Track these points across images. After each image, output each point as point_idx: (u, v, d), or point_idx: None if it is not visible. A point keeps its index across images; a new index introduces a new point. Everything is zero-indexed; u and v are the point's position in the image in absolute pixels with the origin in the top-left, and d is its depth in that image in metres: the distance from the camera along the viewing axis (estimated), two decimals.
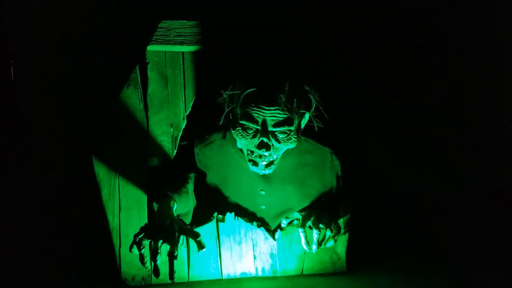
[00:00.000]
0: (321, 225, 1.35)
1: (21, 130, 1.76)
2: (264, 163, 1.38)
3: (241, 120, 1.33)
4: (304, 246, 1.38)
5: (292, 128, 1.33)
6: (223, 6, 1.67)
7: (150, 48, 1.46)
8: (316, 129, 1.41)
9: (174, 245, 1.19)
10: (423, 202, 1.92)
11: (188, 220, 1.45)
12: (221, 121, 1.41)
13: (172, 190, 1.38)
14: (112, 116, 1.43)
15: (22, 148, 1.76)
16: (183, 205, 1.39)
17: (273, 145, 1.34)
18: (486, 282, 1.40)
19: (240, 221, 1.42)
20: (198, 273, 1.41)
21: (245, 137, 1.35)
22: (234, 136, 1.40)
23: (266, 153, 1.34)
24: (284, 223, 1.47)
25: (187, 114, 1.50)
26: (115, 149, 1.42)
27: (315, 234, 1.34)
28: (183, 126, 1.49)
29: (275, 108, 1.28)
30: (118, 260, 1.38)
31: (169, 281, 1.22)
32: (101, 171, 1.40)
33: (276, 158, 1.39)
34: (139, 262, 1.20)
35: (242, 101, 1.32)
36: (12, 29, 1.73)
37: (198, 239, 1.23)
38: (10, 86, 1.74)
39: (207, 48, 1.48)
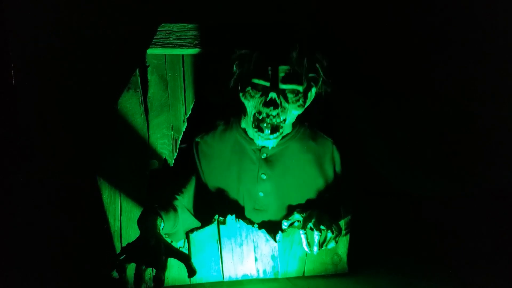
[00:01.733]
0: (322, 227, 1.35)
1: (21, 134, 1.76)
2: (269, 130, 1.37)
3: (252, 78, 1.36)
4: (305, 248, 1.38)
5: (301, 89, 1.37)
6: (223, 8, 1.68)
7: (150, 51, 1.47)
8: (323, 95, 1.43)
9: (160, 269, 1.10)
10: (424, 203, 1.93)
11: (177, 238, 1.39)
12: (231, 84, 1.43)
13: (161, 207, 1.30)
14: (112, 119, 1.43)
15: (23, 151, 1.76)
16: (171, 224, 1.33)
17: (281, 103, 1.35)
18: (488, 284, 1.40)
19: (241, 223, 1.42)
20: (199, 276, 1.40)
21: (254, 97, 1.37)
22: (242, 99, 1.40)
23: (274, 112, 1.35)
24: (285, 224, 1.47)
25: (187, 116, 1.50)
26: (116, 152, 1.42)
27: (316, 235, 1.34)
28: (184, 129, 1.50)
29: (285, 64, 1.33)
30: None
31: (171, 284, 1.21)
32: (102, 175, 1.40)
33: (282, 125, 1.39)
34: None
35: (253, 59, 1.36)
36: (13, 33, 1.74)
37: (188, 263, 1.13)
38: (11, 90, 1.74)
39: (207, 51, 1.49)
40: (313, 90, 1.43)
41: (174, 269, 1.36)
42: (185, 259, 1.14)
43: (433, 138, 1.90)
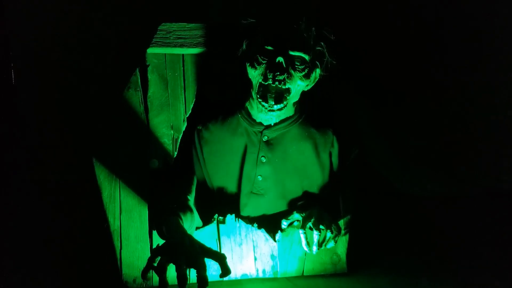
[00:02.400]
0: (321, 226, 1.35)
1: (21, 133, 1.77)
2: (273, 100, 1.37)
3: (261, 44, 1.38)
4: (305, 248, 1.38)
5: (307, 58, 1.38)
6: (223, 8, 1.68)
7: (150, 50, 1.47)
8: (329, 66, 1.45)
9: (202, 268, 1.06)
10: (424, 203, 1.93)
11: None
12: (239, 52, 1.44)
13: (178, 208, 1.31)
14: (112, 118, 1.43)
15: (23, 150, 1.77)
16: (188, 225, 1.30)
17: (287, 69, 1.36)
18: (487, 283, 1.40)
19: (241, 222, 1.43)
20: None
21: (261, 64, 1.38)
22: (249, 70, 1.41)
23: (281, 77, 1.36)
24: (284, 224, 1.47)
25: (187, 116, 1.50)
26: (116, 152, 1.42)
27: (315, 235, 1.34)
28: (184, 128, 1.50)
29: (294, 31, 1.36)
30: (119, 262, 1.39)
31: (170, 283, 1.20)
32: (101, 174, 1.40)
33: (287, 95, 1.40)
34: (139, 264, 1.16)
35: (262, 29, 1.39)
36: (12, 32, 1.74)
37: (224, 262, 1.10)
38: (11, 89, 1.75)
39: (207, 51, 1.49)
40: (318, 70, 1.44)
41: (172, 269, 1.36)
42: (220, 258, 1.11)
43: (433, 138, 1.90)
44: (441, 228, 1.86)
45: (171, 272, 1.06)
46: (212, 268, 1.41)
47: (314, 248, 1.35)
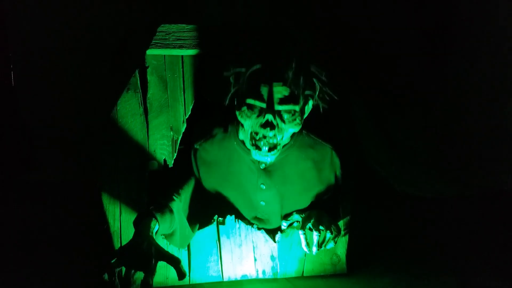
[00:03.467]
0: (321, 227, 1.35)
1: (22, 135, 1.77)
2: (267, 148, 1.35)
3: (247, 98, 1.33)
4: (305, 248, 1.38)
5: (297, 108, 1.33)
6: (222, 10, 1.68)
7: (149, 52, 1.47)
8: (321, 110, 1.41)
9: (148, 273, 1.10)
10: (424, 204, 1.93)
11: (174, 242, 1.38)
12: (227, 101, 1.40)
13: (156, 209, 1.29)
14: (112, 120, 1.44)
15: (23, 152, 1.77)
16: (166, 226, 1.30)
17: (277, 124, 1.33)
18: (487, 283, 1.40)
19: (241, 223, 1.43)
20: (199, 276, 1.41)
21: (250, 117, 1.34)
22: (239, 118, 1.38)
23: (271, 133, 1.32)
24: (284, 225, 1.47)
25: (186, 117, 1.50)
26: (116, 153, 1.42)
27: (315, 236, 1.34)
28: (183, 130, 1.50)
29: (281, 84, 1.29)
30: None
31: (170, 284, 1.21)
32: (101, 175, 1.41)
33: (280, 140, 1.37)
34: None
35: (248, 79, 1.32)
36: (12, 33, 1.74)
37: (178, 266, 1.14)
38: (11, 91, 1.75)
39: (206, 52, 1.49)
40: (310, 103, 1.41)
41: (174, 270, 1.36)
42: (175, 262, 1.14)
43: (432, 139, 1.90)
44: (440, 228, 1.86)
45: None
46: (212, 269, 1.41)
47: (314, 248, 1.35)
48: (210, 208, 1.51)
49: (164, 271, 1.24)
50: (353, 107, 1.80)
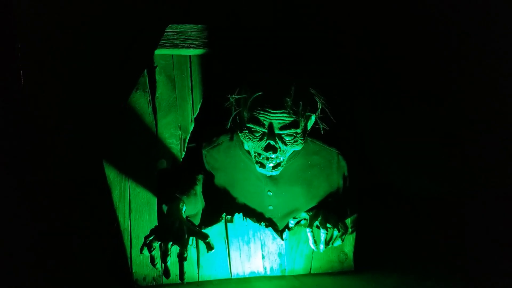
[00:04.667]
0: (328, 225, 1.36)
1: (31, 134, 1.79)
2: (271, 165, 1.40)
3: (248, 123, 1.36)
4: (312, 246, 1.40)
5: (299, 130, 1.36)
6: (230, 9, 1.68)
7: (157, 52, 1.48)
8: (322, 131, 1.43)
9: (183, 246, 1.21)
10: (431, 202, 1.92)
11: (197, 221, 1.47)
12: (228, 125, 1.43)
13: (181, 192, 1.41)
14: (121, 119, 1.45)
15: (33, 151, 1.79)
16: (191, 207, 1.42)
17: (279, 147, 1.36)
18: (494, 283, 1.40)
19: (249, 221, 1.44)
20: (207, 273, 1.43)
21: (252, 140, 1.38)
22: (242, 139, 1.42)
23: (273, 155, 1.37)
24: (291, 223, 1.48)
25: (194, 116, 1.52)
26: (125, 152, 1.44)
27: (322, 233, 1.36)
28: (191, 129, 1.51)
29: (281, 111, 1.31)
30: (129, 261, 1.41)
31: (180, 281, 1.24)
32: (111, 174, 1.42)
33: (283, 160, 1.41)
34: (150, 262, 1.23)
35: (249, 105, 1.34)
36: (22, 33, 1.76)
37: (207, 241, 1.25)
38: (20, 90, 1.77)
39: (214, 52, 1.50)
40: (313, 117, 1.43)
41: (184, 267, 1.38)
42: (204, 237, 1.25)
43: (436, 140, 1.89)
44: (448, 227, 1.86)
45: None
46: (220, 266, 1.43)
47: (321, 246, 1.36)
48: (218, 206, 1.53)
49: (174, 269, 1.25)
50: (356, 108, 1.80)
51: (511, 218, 1.84)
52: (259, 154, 1.39)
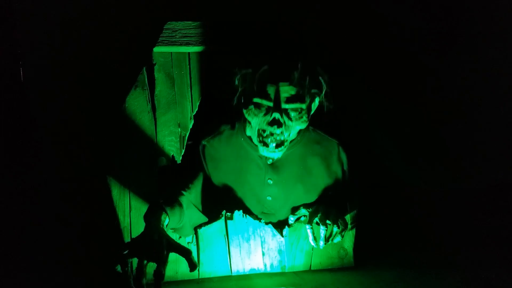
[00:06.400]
0: (328, 221, 1.36)
1: (31, 132, 1.79)
2: (274, 144, 1.39)
3: (255, 97, 1.36)
4: (312, 242, 1.40)
5: (304, 106, 1.37)
6: (228, 6, 1.68)
7: (156, 49, 1.48)
8: (325, 109, 1.44)
9: (161, 263, 1.11)
10: (431, 197, 1.93)
11: (184, 233, 1.41)
12: (234, 101, 1.43)
13: (165, 203, 1.32)
14: (120, 117, 1.45)
15: (33, 149, 1.79)
16: (176, 219, 1.34)
17: (284, 122, 1.36)
18: (494, 277, 1.40)
19: (249, 218, 1.44)
20: (208, 270, 1.43)
21: (257, 115, 1.38)
22: (246, 116, 1.41)
23: (278, 131, 1.36)
24: (291, 219, 1.48)
25: (194, 114, 1.52)
26: (124, 150, 1.44)
27: (322, 230, 1.36)
28: (191, 126, 1.51)
29: (288, 84, 1.33)
30: None
31: (180, 278, 1.23)
32: (111, 172, 1.43)
33: (287, 139, 1.40)
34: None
35: (256, 78, 1.35)
36: (21, 32, 1.75)
37: (189, 257, 1.15)
38: (20, 89, 1.77)
39: (213, 48, 1.50)
40: (317, 100, 1.44)
41: (183, 264, 1.38)
42: (186, 253, 1.15)
43: (438, 132, 1.90)
44: (448, 222, 1.86)
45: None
46: (220, 264, 1.43)
47: (321, 242, 1.36)
48: (218, 203, 1.53)
49: (174, 266, 1.26)
50: (360, 101, 1.80)
51: (511, 213, 1.84)
52: (263, 131, 1.38)
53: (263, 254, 1.45)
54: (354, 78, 1.75)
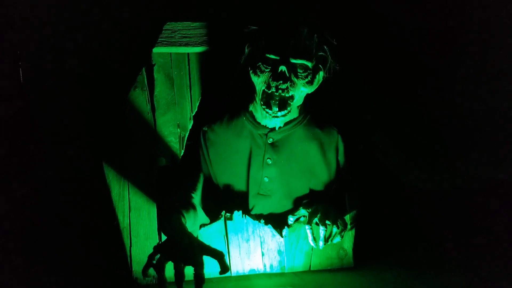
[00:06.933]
0: (327, 222, 1.37)
1: (30, 133, 1.79)
2: (277, 106, 1.40)
3: (263, 52, 1.39)
4: (311, 243, 1.40)
5: (310, 65, 1.40)
6: (228, 6, 1.68)
7: (155, 50, 1.48)
8: (326, 74, 1.47)
9: (199, 266, 1.10)
10: (431, 197, 1.93)
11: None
12: (242, 61, 1.46)
13: (181, 206, 1.33)
14: (120, 118, 1.45)
15: (33, 150, 1.79)
16: (191, 222, 1.34)
17: (290, 77, 1.38)
18: (494, 277, 1.40)
19: (248, 219, 1.44)
20: (207, 271, 1.42)
21: (264, 72, 1.40)
22: (252, 77, 1.43)
23: (283, 86, 1.38)
24: (291, 220, 1.48)
25: (193, 114, 1.52)
26: (124, 150, 1.44)
27: (321, 230, 1.36)
28: (190, 127, 1.52)
29: (296, 39, 1.37)
30: (129, 259, 1.41)
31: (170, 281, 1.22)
32: (110, 172, 1.43)
33: (291, 99, 1.41)
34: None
35: (264, 35, 1.40)
36: (20, 32, 1.75)
37: (222, 260, 1.13)
38: (19, 89, 1.77)
39: (212, 49, 1.50)
40: (321, 74, 1.46)
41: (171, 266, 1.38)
42: (218, 256, 1.14)
43: (439, 132, 1.89)
44: (448, 221, 1.86)
45: (170, 270, 1.10)
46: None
47: (321, 243, 1.37)
48: (218, 203, 1.53)
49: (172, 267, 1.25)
50: (360, 101, 1.80)
51: (511, 213, 1.84)
52: (269, 88, 1.40)
53: (263, 254, 1.46)
54: (354, 78, 1.74)
